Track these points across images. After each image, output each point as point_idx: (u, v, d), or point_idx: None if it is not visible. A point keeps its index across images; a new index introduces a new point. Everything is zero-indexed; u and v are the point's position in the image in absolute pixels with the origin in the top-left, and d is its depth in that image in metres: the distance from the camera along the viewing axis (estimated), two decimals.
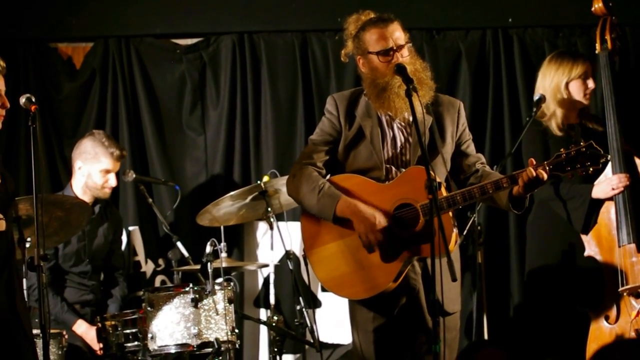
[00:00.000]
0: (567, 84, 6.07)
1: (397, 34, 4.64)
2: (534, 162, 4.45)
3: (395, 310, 4.63)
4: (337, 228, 4.62)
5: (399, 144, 4.67)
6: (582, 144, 4.41)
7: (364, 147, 4.67)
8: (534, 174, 4.40)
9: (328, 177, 4.75)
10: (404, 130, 4.68)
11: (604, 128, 6.03)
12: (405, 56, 4.62)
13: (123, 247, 6.86)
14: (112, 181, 6.40)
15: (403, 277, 4.56)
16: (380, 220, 4.51)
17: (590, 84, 6.09)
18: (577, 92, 6.09)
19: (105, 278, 6.58)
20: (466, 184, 4.67)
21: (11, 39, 7.04)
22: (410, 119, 4.58)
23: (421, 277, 4.62)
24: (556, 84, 6.07)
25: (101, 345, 5.90)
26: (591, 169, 4.44)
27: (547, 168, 4.43)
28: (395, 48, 4.61)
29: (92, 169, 6.33)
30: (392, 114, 4.65)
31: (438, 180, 4.36)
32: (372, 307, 4.64)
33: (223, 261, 5.98)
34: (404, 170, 4.61)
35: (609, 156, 4.53)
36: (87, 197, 6.32)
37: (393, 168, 4.65)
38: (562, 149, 4.46)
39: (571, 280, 5.98)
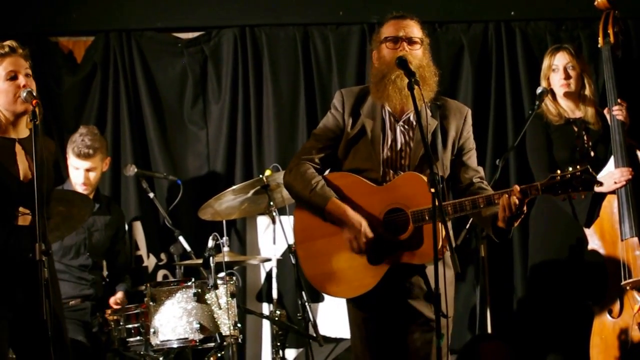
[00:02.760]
0: (547, 77, 6.12)
1: (412, 28, 4.60)
2: (518, 189, 4.33)
3: (384, 307, 4.60)
4: (328, 225, 4.60)
5: (398, 146, 4.61)
6: (578, 167, 4.33)
7: (364, 147, 4.63)
8: (514, 201, 4.30)
9: (327, 172, 4.74)
10: (406, 134, 4.62)
11: (605, 124, 6.04)
12: (415, 50, 4.58)
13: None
14: (79, 178, 6.35)
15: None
16: (367, 230, 4.47)
17: (561, 74, 6.09)
18: (554, 84, 6.14)
19: (111, 276, 6.57)
20: (461, 195, 4.61)
21: (11, 33, 6.98)
22: (414, 122, 4.57)
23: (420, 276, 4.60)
24: (543, 78, 6.14)
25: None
26: (583, 196, 4.39)
27: (540, 189, 4.37)
28: (404, 37, 4.57)
29: (69, 164, 6.35)
30: (387, 104, 4.60)
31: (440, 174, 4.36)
32: (362, 302, 4.62)
33: (225, 255, 5.98)
34: (402, 173, 4.59)
35: (604, 183, 4.48)
36: (85, 192, 6.32)
37: (391, 171, 4.60)
38: (557, 171, 4.38)
39: (574, 274, 5.98)
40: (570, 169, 4.32)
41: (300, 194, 4.65)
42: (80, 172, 6.35)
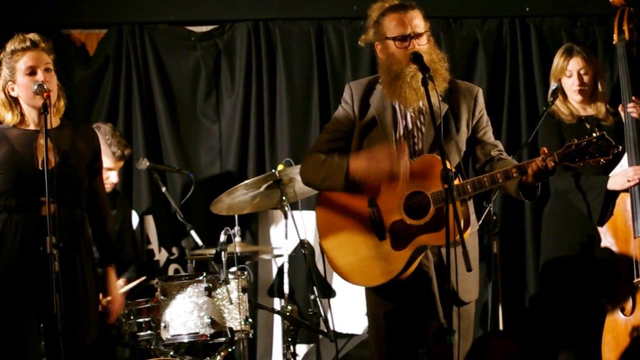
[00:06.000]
0: (559, 79, 6.10)
1: (416, 21, 4.59)
2: (546, 151, 4.39)
3: (407, 297, 4.61)
4: (350, 217, 4.63)
5: (410, 132, 4.64)
6: (594, 135, 4.35)
7: (377, 136, 4.65)
8: (543, 163, 4.34)
9: None
10: (417, 120, 4.65)
11: (618, 120, 6.02)
12: (422, 44, 4.57)
13: (134, 227, 6.85)
14: (113, 178, 6.35)
15: (416, 265, 4.54)
16: (395, 152, 4.47)
17: (575, 80, 6.06)
18: (567, 87, 6.12)
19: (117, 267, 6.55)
20: (481, 173, 4.62)
21: (23, 25, 6.97)
22: (424, 108, 4.57)
23: (435, 265, 4.59)
24: (554, 79, 6.12)
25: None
26: (602, 160, 4.36)
27: (557, 158, 4.37)
28: (412, 35, 4.57)
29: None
30: (402, 103, 4.62)
31: (453, 170, 4.35)
32: (383, 292, 4.64)
33: (237, 246, 5.95)
34: (416, 159, 4.58)
35: (621, 147, 4.47)
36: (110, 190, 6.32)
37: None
38: (574, 139, 4.40)
39: (587, 272, 5.96)
40: (587, 137, 4.32)
41: (316, 173, 4.68)
42: (114, 173, 6.35)
